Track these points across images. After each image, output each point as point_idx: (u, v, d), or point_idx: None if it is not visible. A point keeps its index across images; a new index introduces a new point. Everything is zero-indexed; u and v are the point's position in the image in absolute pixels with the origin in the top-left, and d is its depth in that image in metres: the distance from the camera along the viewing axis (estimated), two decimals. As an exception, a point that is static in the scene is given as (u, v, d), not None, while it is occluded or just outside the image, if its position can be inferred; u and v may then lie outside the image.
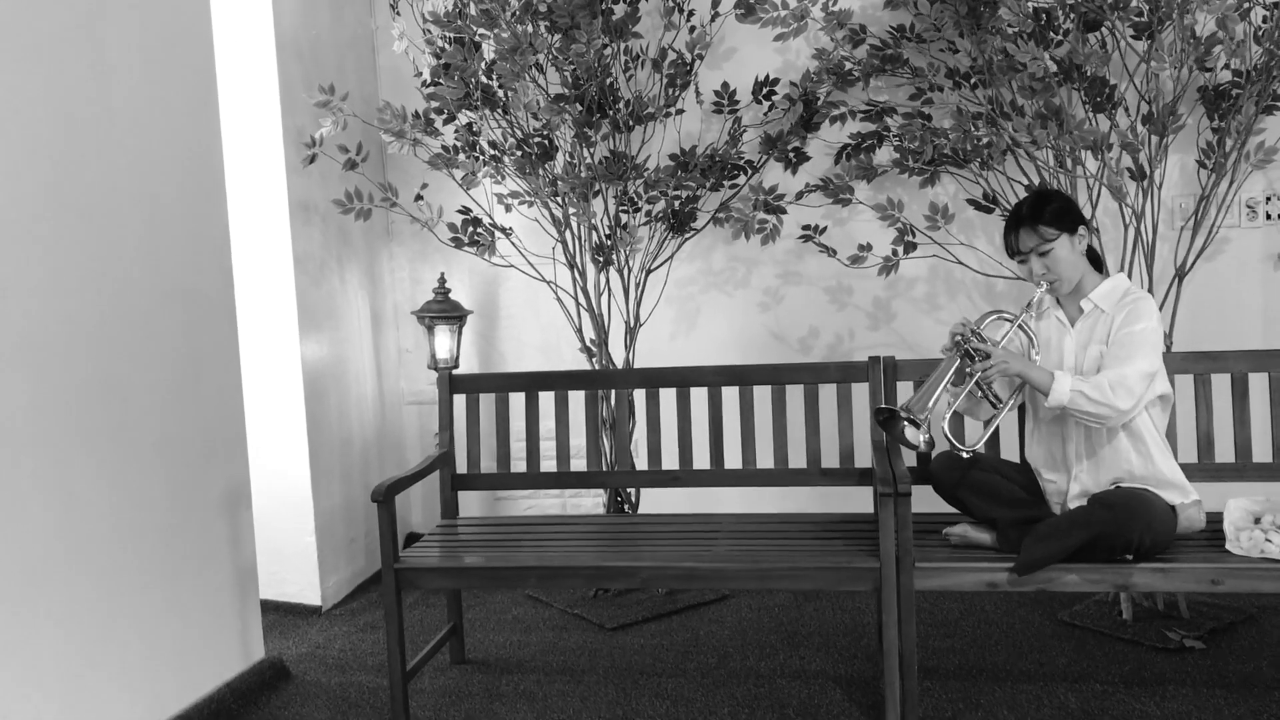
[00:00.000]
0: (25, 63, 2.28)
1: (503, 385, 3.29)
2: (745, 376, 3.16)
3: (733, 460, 3.26)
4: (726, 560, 2.70)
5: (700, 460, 3.29)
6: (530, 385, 3.26)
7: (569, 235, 3.72)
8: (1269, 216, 3.65)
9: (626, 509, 3.78)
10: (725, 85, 3.75)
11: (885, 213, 3.59)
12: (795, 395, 3.30)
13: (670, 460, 3.28)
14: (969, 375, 2.57)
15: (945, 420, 2.66)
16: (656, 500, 3.90)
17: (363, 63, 4.18)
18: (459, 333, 4.02)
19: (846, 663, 3.09)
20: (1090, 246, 2.69)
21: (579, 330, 3.79)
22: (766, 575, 2.65)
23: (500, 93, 3.58)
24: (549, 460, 3.44)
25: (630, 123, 3.65)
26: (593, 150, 3.63)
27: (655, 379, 3.21)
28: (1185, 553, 2.55)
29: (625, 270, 3.76)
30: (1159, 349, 2.54)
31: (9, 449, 2.21)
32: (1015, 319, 2.67)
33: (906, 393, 3.09)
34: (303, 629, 3.58)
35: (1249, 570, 2.46)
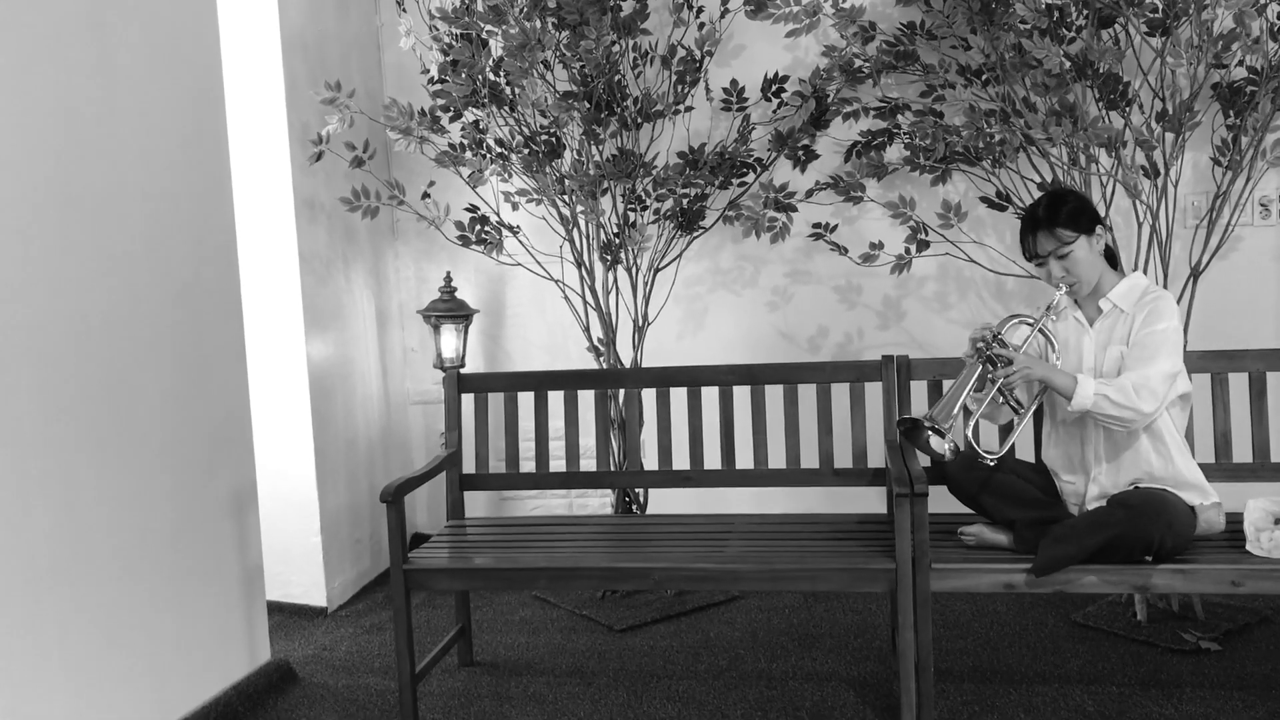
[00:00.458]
0: (29, 59, 2.25)
1: (511, 384, 3.26)
2: (757, 376, 3.13)
3: (744, 460, 3.23)
4: (740, 561, 2.68)
5: (711, 460, 3.26)
6: (539, 384, 3.24)
7: (576, 234, 3.69)
8: (1282, 214, 3.63)
9: (635, 509, 3.75)
10: (734, 82, 3.72)
11: (898, 210, 3.56)
12: (807, 395, 3.26)
13: (681, 460, 3.25)
14: (991, 381, 2.54)
15: (970, 428, 2.63)
16: (664, 500, 3.87)
17: (368, 60, 4.15)
18: (465, 332, 3.99)
19: (859, 664, 3.06)
20: (1107, 245, 2.66)
21: (586, 329, 3.76)
22: (780, 576, 2.63)
23: (508, 90, 3.55)
24: (557, 460, 3.41)
25: (639, 120, 3.62)
26: (601, 148, 3.60)
27: (667, 378, 3.18)
28: (1205, 554, 2.52)
29: (633, 269, 3.72)
30: (1180, 348, 2.52)
31: (14, 451, 2.18)
32: (1035, 322, 2.64)
33: (920, 392, 3.07)
34: (308, 630, 3.55)
35: (1271, 571, 2.43)
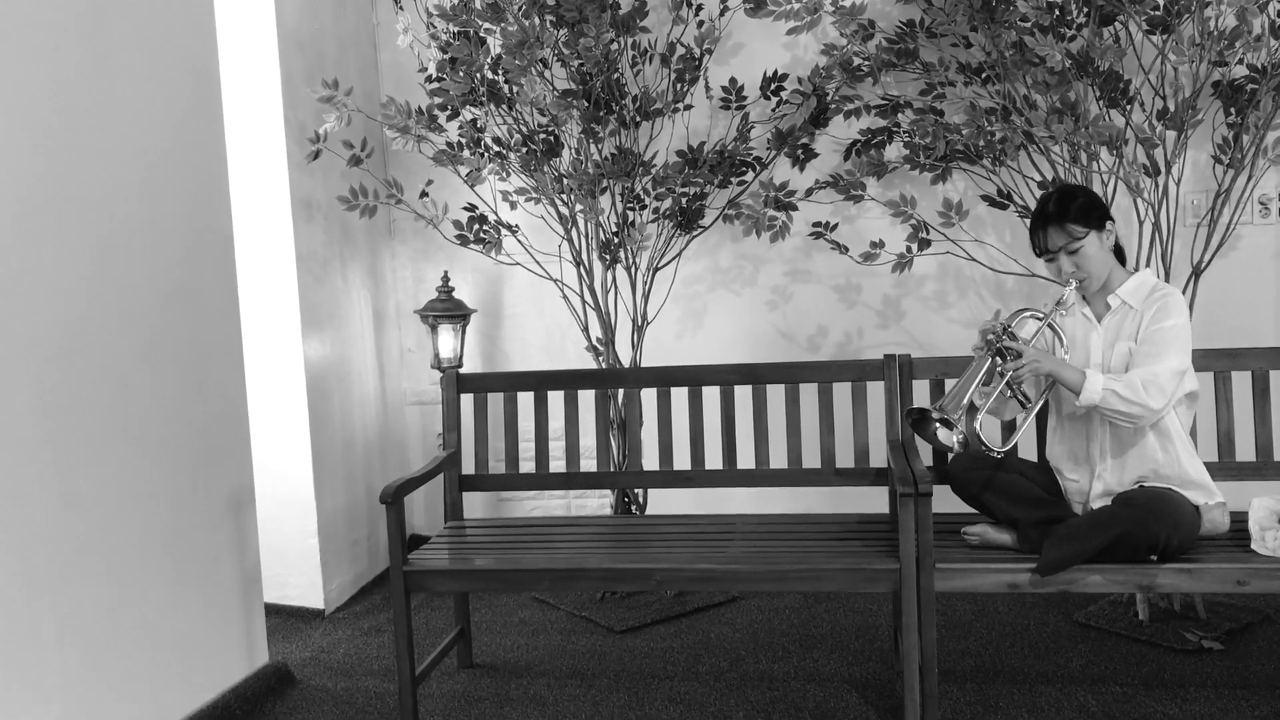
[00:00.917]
0: (25, 56, 2.22)
1: (511, 384, 3.23)
2: (759, 375, 3.11)
3: (745, 460, 3.21)
4: (742, 562, 2.66)
5: (713, 460, 3.24)
6: (539, 384, 3.21)
7: (575, 233, 3.67)
8: (1282, 213, 3.63)
9: (634, 510, 3.73)
10: (733, 81, 3.70)
11: (899, 209, 3.55)
12: (808, 394, 3.25)
13: (682, 460, 3.23)
14: (999, 375, 2.53)
15: (978, 420, 2.62)
16: (664, 501, 3.85)
17: (364, 58, 4.13)
18: (463, 332, 3.96)
19: (861, 665, 3.04)
20: (1116, 242, 2.65)
21: (585, 329, 3.74)
22: (783, 577, 2.61)
23: (506, 88, 3.53)
24: (557, 461, 3.39)
25: (638, 118, 3.60)
26: (600, 146, 3.58)
27: (667, 378, 3.16)
28: (1210, 553, 2.51)
29: (633, 268, 3.71)
30: (1188, 345, 2.51)
31: (11, 452, 2.15)
32: (1044, 317, 2.63)
33: (921, 391, 3.06)
34: (306, 633, 3.52)
35: (1275, 570, 2.42)
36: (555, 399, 3.33)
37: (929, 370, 3.01)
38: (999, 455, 2.58)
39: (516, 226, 3.77)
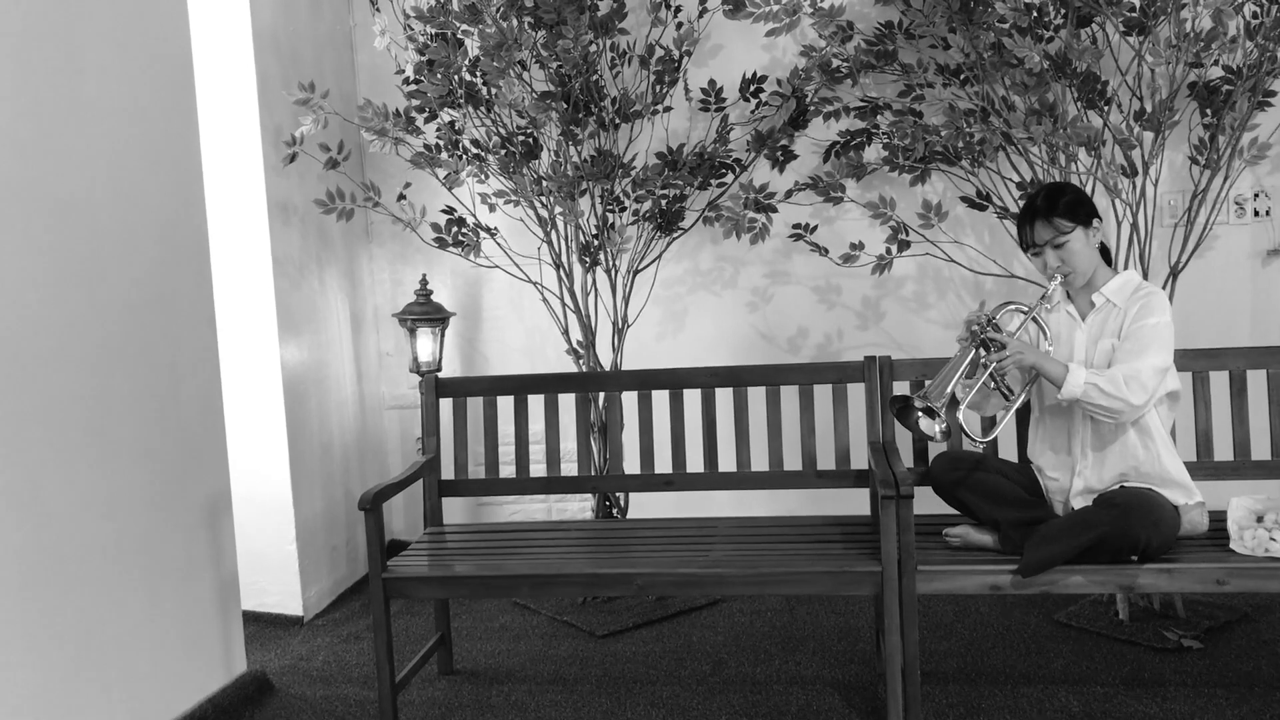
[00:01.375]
0: (-5, 56, 2.19)
1: (490, 388, 3.22)
2: (739, 377, 3.11)
3: (727, 463, 3.20)
4: (724, 565, 2.65)
5: (694, 463, 3.23)
6: (519, 388, 3.20)
7: (555, 235, 3.65)
8: (1257, 213, 3.65)
9: (615, 513, 3.72)
10: (712, 83, 3.69)
11: (878, 211, 3.55)
12: (789, 396, 3.24)
13: (663, 463, 3.22)
14: (983, 366, 2.53)
15: (960, 411, 2.62)
16: (645, 504, 3.84)
17: (341, 60, 4.10)
18: (441, 335, 3.94)
19: (843, 667, 3.04)
20: (1102, 241, 2.67)
21: (565, 332, 3.73)
22: (765, 580, 2.60)
23: (484, 90, 3.51)
24: (538, 465, 3.37)
25: (617, 120, 3.59)
26: (579, 148, 3.57)
27: (648, 381, 3.15)
28: (1190, 553, 2.52)
29: (612, 270, 3.69)
30: (1171, 344, 2.52)
31: (-19, 459, 2.12)
32: (1030, 310, 2.64)
33: (902, 392, 3.05)
34: (284, 640, 3.49)
35: (1254, 570, 2.44)
36: (535, 403, 3.31)
37: (909, 371, 3.02)
38: (981, 446, 2.59)
39: (495, 229, 3.75)
